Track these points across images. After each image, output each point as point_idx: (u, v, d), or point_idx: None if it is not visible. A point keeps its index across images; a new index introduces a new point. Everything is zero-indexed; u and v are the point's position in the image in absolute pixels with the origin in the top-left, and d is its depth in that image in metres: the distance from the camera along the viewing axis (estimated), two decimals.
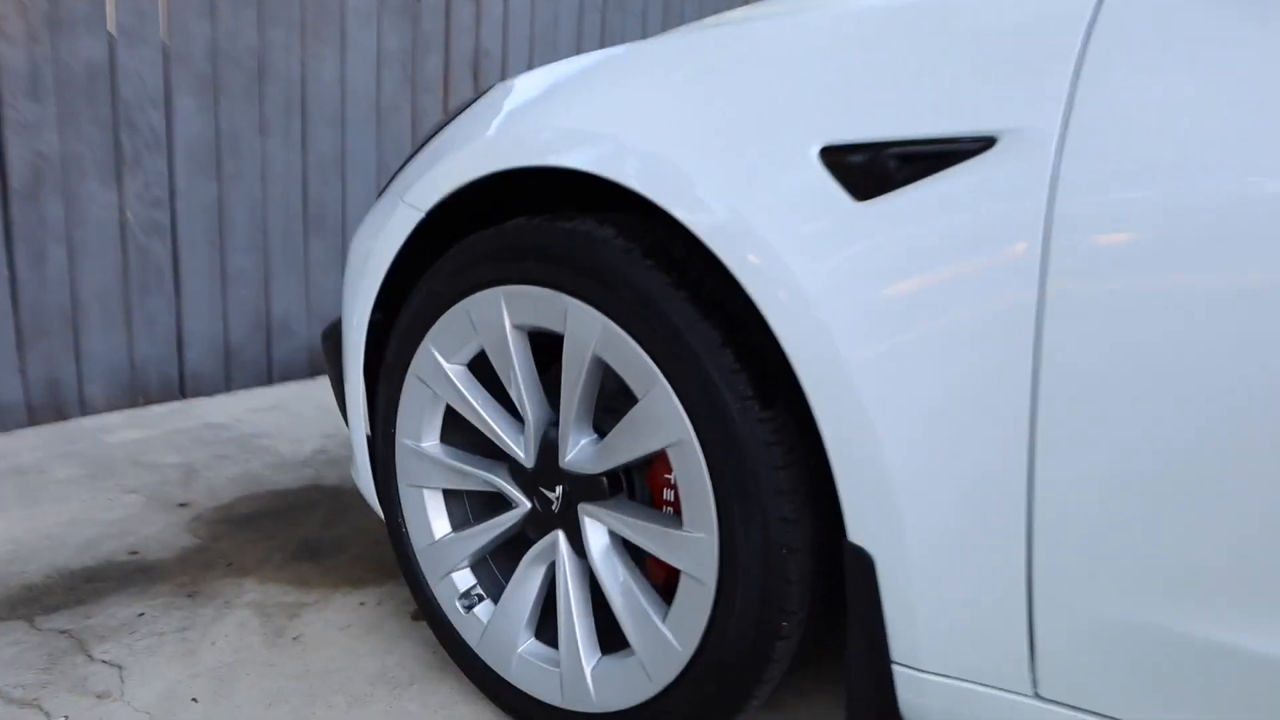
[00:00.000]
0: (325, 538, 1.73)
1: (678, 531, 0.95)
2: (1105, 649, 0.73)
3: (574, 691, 1.06)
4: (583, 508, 1.06)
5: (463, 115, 1.19)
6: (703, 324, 0.90)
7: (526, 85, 1.11)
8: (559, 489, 1.08)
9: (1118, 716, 0.74)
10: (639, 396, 0.95)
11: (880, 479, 0.80)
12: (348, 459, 2.18)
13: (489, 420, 1.12)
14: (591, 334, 0.98)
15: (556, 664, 1.09)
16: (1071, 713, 0.76)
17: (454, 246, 1.13)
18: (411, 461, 1.22)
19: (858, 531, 0.82)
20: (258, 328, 2.81)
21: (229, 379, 2.76)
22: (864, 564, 0.82)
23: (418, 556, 1.24)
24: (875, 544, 0.82)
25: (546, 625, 1.14)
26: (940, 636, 0.81)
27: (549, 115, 1.01)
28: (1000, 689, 0.80)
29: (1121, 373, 0.67)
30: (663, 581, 1.10)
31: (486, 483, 1.15)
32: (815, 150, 0.81)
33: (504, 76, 3.42)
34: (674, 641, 0.96)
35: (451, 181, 1.10)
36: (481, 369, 1.14)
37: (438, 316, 1.14)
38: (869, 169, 0.78)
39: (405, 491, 1.24)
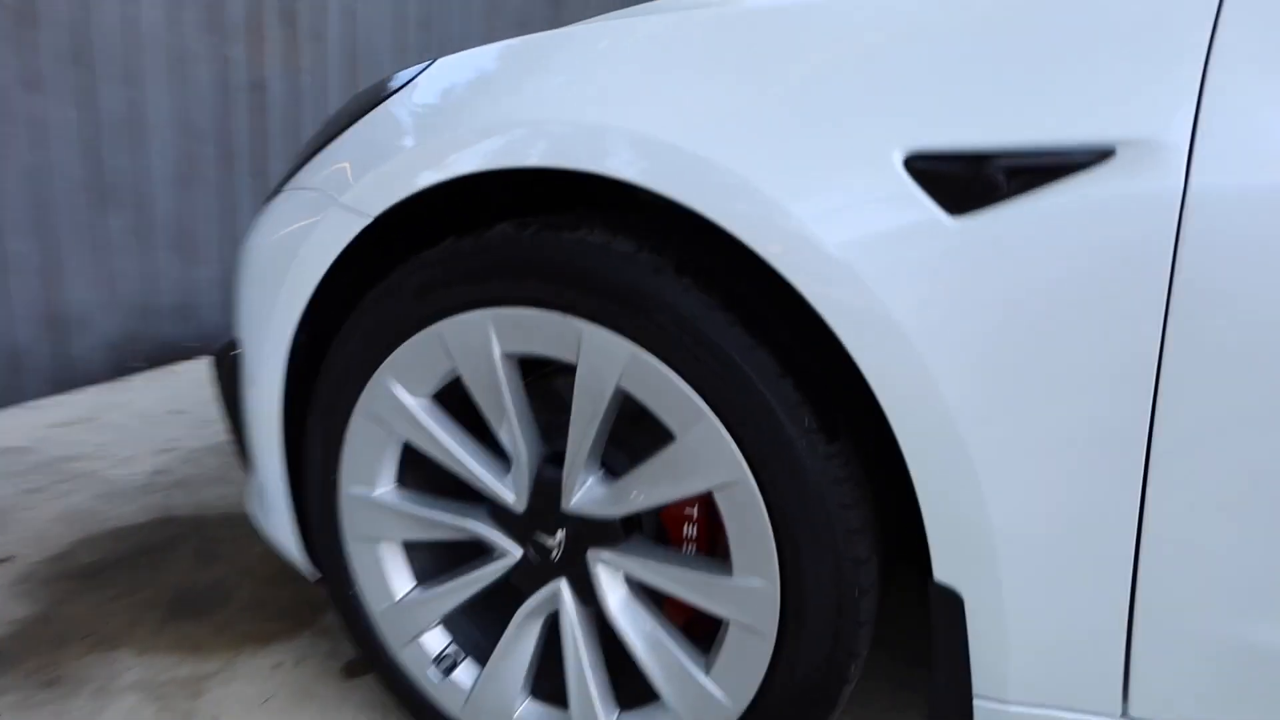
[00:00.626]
0: (202, 584, 1.48)
1: (727, 579, 0.85)
2: (1204, 665, 0.72)
3: None
4: (594, 554, 0.93)
5: (398, 99, 0.99)
6: (759, 350, 0.79)
7: (491, 66, 0.93)
8: (560, 534, 0.95)
9: None
10: (677, 433, 0.84)
11: (976, 520, 0.74)
12: (199, 478, 1.89)
13: (467, 461, 0.96)
14: (614, 364, 0.84)
15: None
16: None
17: (416, 258, 0.94)
18: (362, 512, 1.04)
19: (946, 571, 0.77)
20: (47, 324, 2.36)
21: (18, 388, 2.31)
22: (952, 603, 0.77)
23: (376, 620, 1.06)
24: (965, 583, 0.76)
25: (541, 678, 1.01)
26: (1029, 668, 0.78)
27: (562, 106, 0.85)
28: (1088, 712, 0.78)
29: (1247, 406, 0.65)
30: (682, 624, 1.00)
31: (462, 531, 1.00)
32: (899, 157, 0.72)
33: (326, 22, 3.04)
34: (721, 697, 0.88)
35: (412, 182, 0.91)
36: (445, 396, 0.98)
37: (397, 344, 0.95)
38: (965, 180, 0.70)
39: (355, 547, 1.06)
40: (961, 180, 0.70)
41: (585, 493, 0.92)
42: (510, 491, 0.96)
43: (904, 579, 1.42)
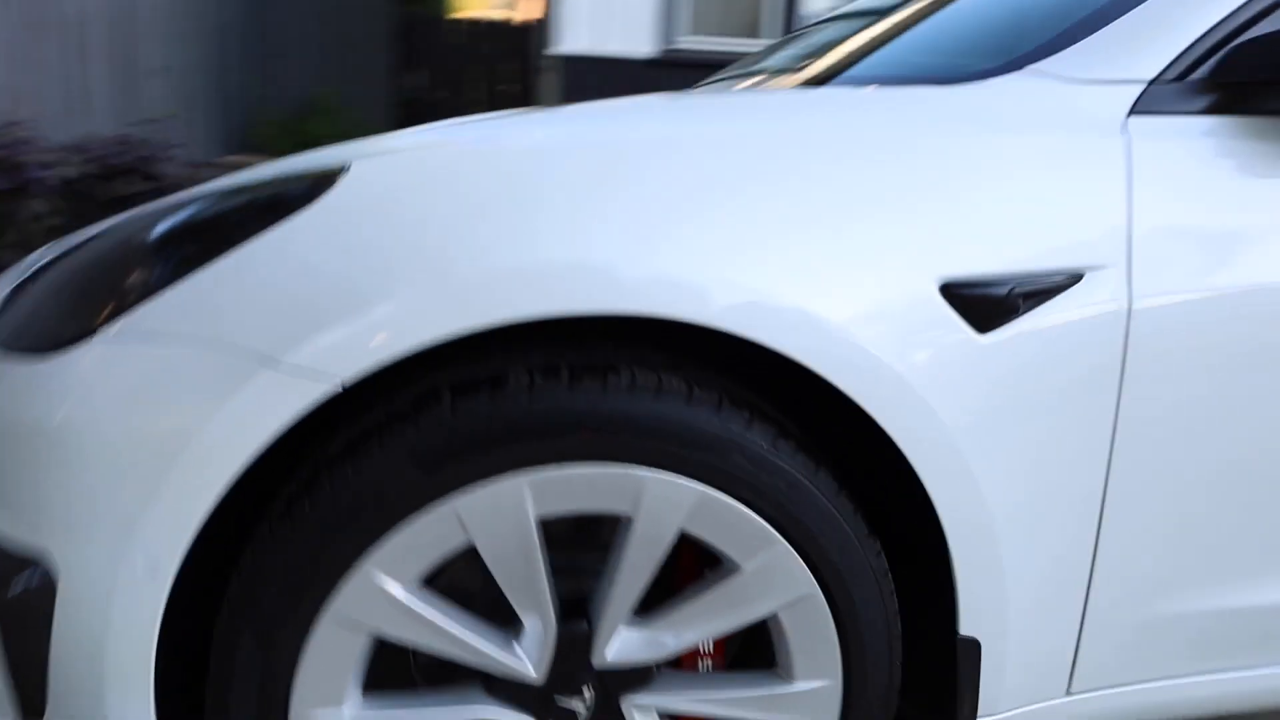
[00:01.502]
0: None
1: (788, 687, 0.88)
2: (1122, 641, 0.98)
3: None
4: (629, 702, 0.88)
5: (316, 220, 0.79)
6: (820, 470, 0.84)
7: (489, 187, 0.80)
8: (588, 693, 0.87)
9: (1122, 683, 1.01)
10: (740, 562, 0.84)
11: (996, 583, 0.89)
12: None
13: (474, 643, 0.83)
14: (680, 509, 0.81)
15: None
16: (1091, 694, 1.01)
17: (403, 424, 0.77)
18: None
19: (969, 626, 0.91)
20: None
21: None
22: (973, 650, 0.92)
23: None
24: (983, 632, 0.92)
25: None
26: (1015, 683, 0.96)
27: (624, 246, 0.76)
28: (1044, 700, 1.00)
29: (1180, 466, 0.90)
30: None
31: None
32: (936, 286, 0.83)
33: None
34: None
35: (414, 337, 0.74)
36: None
37: (391, 528, 0.77)
38: (985, 303, 0.84)
39: None
40: (981, 302, 0.83)
41: (623, 643, 0.86)
42: (527, 662, 0.85)
43: None
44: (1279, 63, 0.88)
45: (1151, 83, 0.91)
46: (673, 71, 4.50)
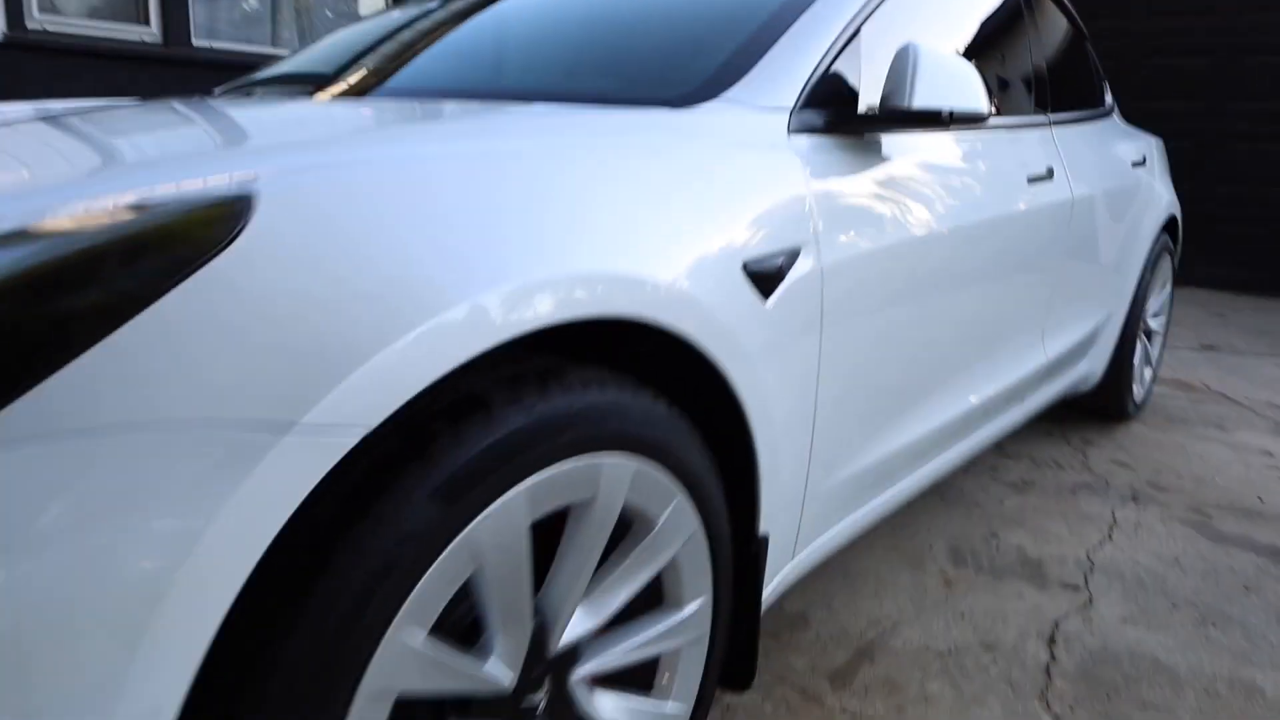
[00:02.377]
0: None
1: (679, 614, 1.05)
2: (821, 510, 1.38)
3: None
4: (573, 678, 0.96)
5: (251, 259, 0.67)
6: (695, 431, 1.02)
7: (457, 204, 0.76)
8: (546, 682, 0.93)
9: (819, 535, 1.41)
10: (655, 519, 0.98)
11: (778, 487, 1.20)
12: None
13: (474, 674, 0.82)
14: (624, 483, 0.91)
15: None
16: (804, 552, 1.39)
17: (414, 463, 0.71)
18: None
19: (765, 525, 1.20)
20: None
21: None
22: (765, 544, 1.21)
23: None
24: (772, 529, 1.21)
25: None
26: (773, 565, 1.29)
27: (566, 253, 0.80)
28: (782, 570, 1.35)
29: (854, 373, 1.30)
30: None
31: None
32: (740, 265, 1.07)
33: None
34: (681, 710, 1.08)
35: (440, 362, 0.70)
36: None
37: (418, 579, 0.72)
38: (764, 277, 1.11)
39: None
40: (763, 275, 1.11)
41: (573, 624, 0.93)
42: (507, 671, 0.86)
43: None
44: (840, 94, 1.31)
45: (792, 111, 1.27)
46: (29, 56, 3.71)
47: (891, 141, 1.43)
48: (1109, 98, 2.90)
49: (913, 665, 1.59)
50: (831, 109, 1.33)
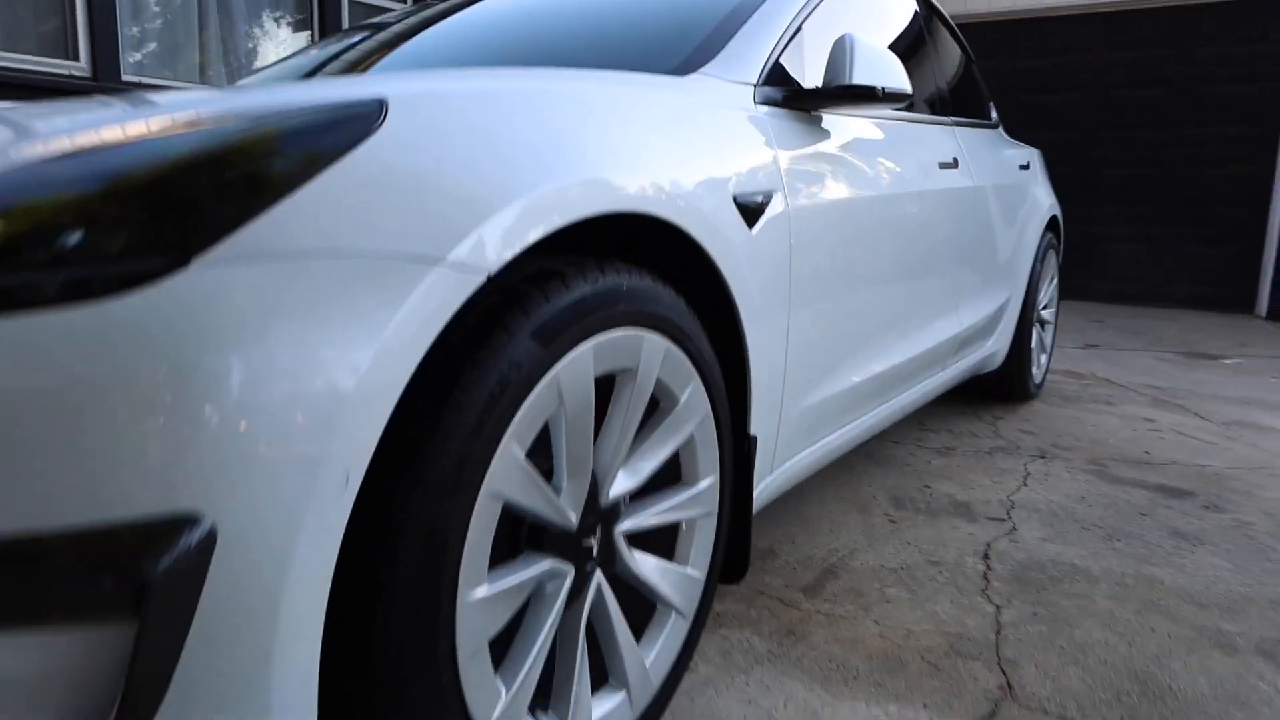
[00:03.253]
0: None
1: (693, 488, 1.24)
2: (798, 427, 1.60)
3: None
4: (616, 531, 1.13)
5: (395, 142, 0.85)
6: (696, 319, 1.23)
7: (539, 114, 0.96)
8: (598, 530, 1.10)
9: (796, 452, 1.62)
10: (678, 397, 1.17)
11: (763, 390, 1.41)
12: None
13: (550, 499, 0.99)
14: (657, 358, 1.11)
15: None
16: (782, 467, 1.60)
17: (516, 310, 0.90)
18: (479, 616, 0.87)
19: (754, 425, 1.41)
20: None
21: None
22: (755, 444, 1.41)
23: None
24: (759, 430, 1.42)
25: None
26: (759, 472, 1.49)
27: (615, 160, 1.01)
28: (763, 481, 1.55)
29: (820, 303, 1.54)
30: None
31: (535, 580, 0.99)
32: (730, 196, 1.29)
33: None
34: (698, 575, 1.27)
35: (536, 225, 0.89)
36: None
37: (521, 402, 0.89)
38: (746, 209, 1.34)
39: (470, 667, 0.87)
40: (742, 209, 1.33)
41: (618, 480, 1.11)
42: (572, 513, 1.04)
43: None
44: (791, 76, 1.57)
45: (755, 85, 1.52)
46: None
47: (833, 122, 1.69)
48: (994, 115, 3.29)
49: (871, 579, 1.80)
50: (786, 87, 1.58)
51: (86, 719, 0.70)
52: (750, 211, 1.32)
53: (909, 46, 2.43)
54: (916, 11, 2.61)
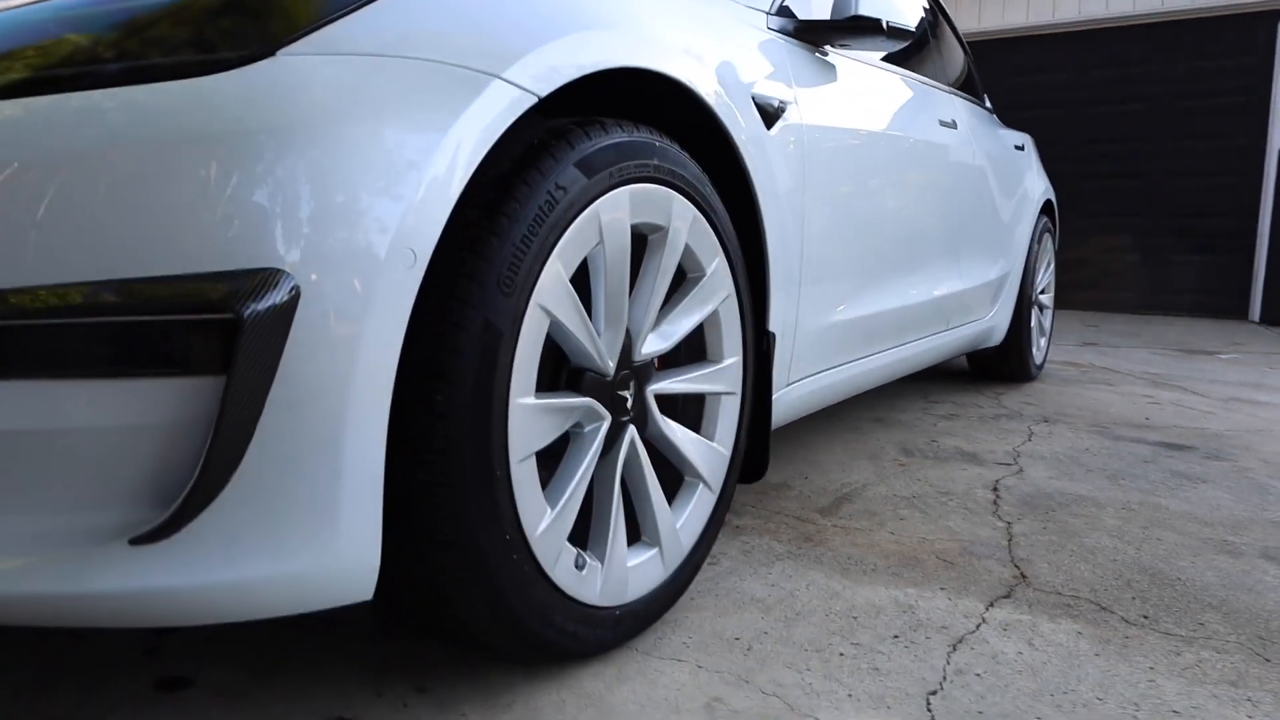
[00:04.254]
0: None
1: (719, 366, 1.30)
2: (813, 347, 1.66)
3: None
4: (647, 389, 1.19)
5: None
6: (721, 202, 1.30)
7: None
8: (631, 385, 1.16)
9: (812, 373, 1.68)
10: (705, 268, 1.24)
11: (780, 290, 1.48)
12: None
13: (591, 335, 1.05)
14: (686, 223, 1.17)
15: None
16: (798, 382, 1.66)
17: (562, 141, 0.96)
18: (529, 423, 0.93)
19: (773, 323, 1.47)
20: None
21: None
22: (774, 341, 1.48)
23: (533, 545, 0.96)
24: (777, 328, 1.49)
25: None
26: (776, 378, 1.55)
27: (659, 30, 1.09)
28: (780, 390, 1.61)
29: (831, 221, 1.61)
30: None
31: (576, 413, 1.05)
32: (749, 94, 1.37)
33: None
34: (724, 450, 1.32)
35: (580, 64, 0.96)
36: None
37: (566, 227, 0.96)
38: (765, 110, 1.42)
39: (519, 470, 0.92)
40: (764, 111, 1.41)
41: (649, 340, 1.17)
42: (608, 360, 1.09)
43: None
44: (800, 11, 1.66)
45: (768, 12, 1.61)
46: None
47: (840, 62, 1.78)
48: (989, 104, 3.41)
49: (884, 504, 1.85)
50: (796, 18, 1.67)
51: (172, 471, 0.75)
52: (768, 115, 1.40)
53: (919, 30, 2.53)
54: (925, 6, 2.75)
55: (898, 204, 1.94)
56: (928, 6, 2.80)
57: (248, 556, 0.76)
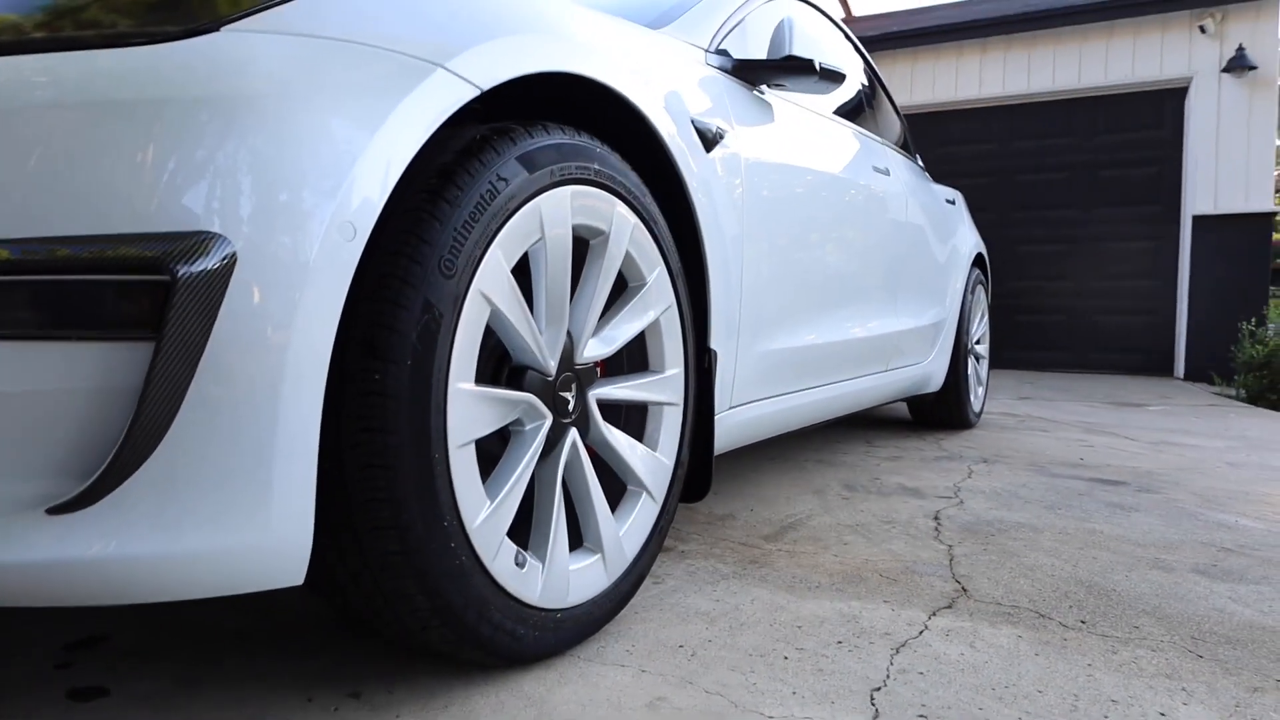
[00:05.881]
0: None
1: (660, 376, 1.31)
2: (752, 373, 1.69)
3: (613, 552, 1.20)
4: (590, 394, 1.19)
5: None
6: (661, 214, 1.33)
7: None
8: (573, 387, 1.16)
9: (753, 398, 1.70)
10: (646, 277, 1.26)
11: (719, 308, 1.51)
12: None
13: (533, 330, 1.05)
14: (626, 231, 1.20)
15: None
16: (738, 408, 1.68)
17: (504, 138, 0.99)
18: (467, 409, 0.93)
19: (714, 340, 1.49)
20: None
21: None
22: (715, 358, 1.50)
23: (471, 535, 0.94)
24: (718, 346, 1.51)
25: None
26: (727, 393, 1.57)
27: (604, 46, 1.13)
28: (720, 412, 1.62)
29: (765, 247, 1.66)
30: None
31: (517, 408, 1.05)
32: (689, 119, 1.42)
33: None
34: (667, 461, 1.32)
35: (524, 64, 0.99)
36: None
37: (509, 218, 0.97)
38: (702, 135, 1.47)
39: (457, 456, 0.91)
40: (703, 136, 1.46)
41: (590, 344, 1.18)
42: (550, 359, 1.10)
43: None
44: (736, 53, 1.74)
45: (707, 50, 1.68)
46: None
47: (776, 102, 1.86)
48: (920, 162, 3.56)
49: (829, 531, 1.86)
50: (732, 58, 1.74)
51: (97, 440, 0.73)
52: (706, 139, 1.45)
53: (855, 91, 2.65)
54: (865, 68, 2.90)
55: (833, 237, 2.01)
56: (865, 69, 2.94)
57: (172, 530, 0.74)
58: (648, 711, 0.99)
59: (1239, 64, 6.28)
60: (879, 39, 7.34)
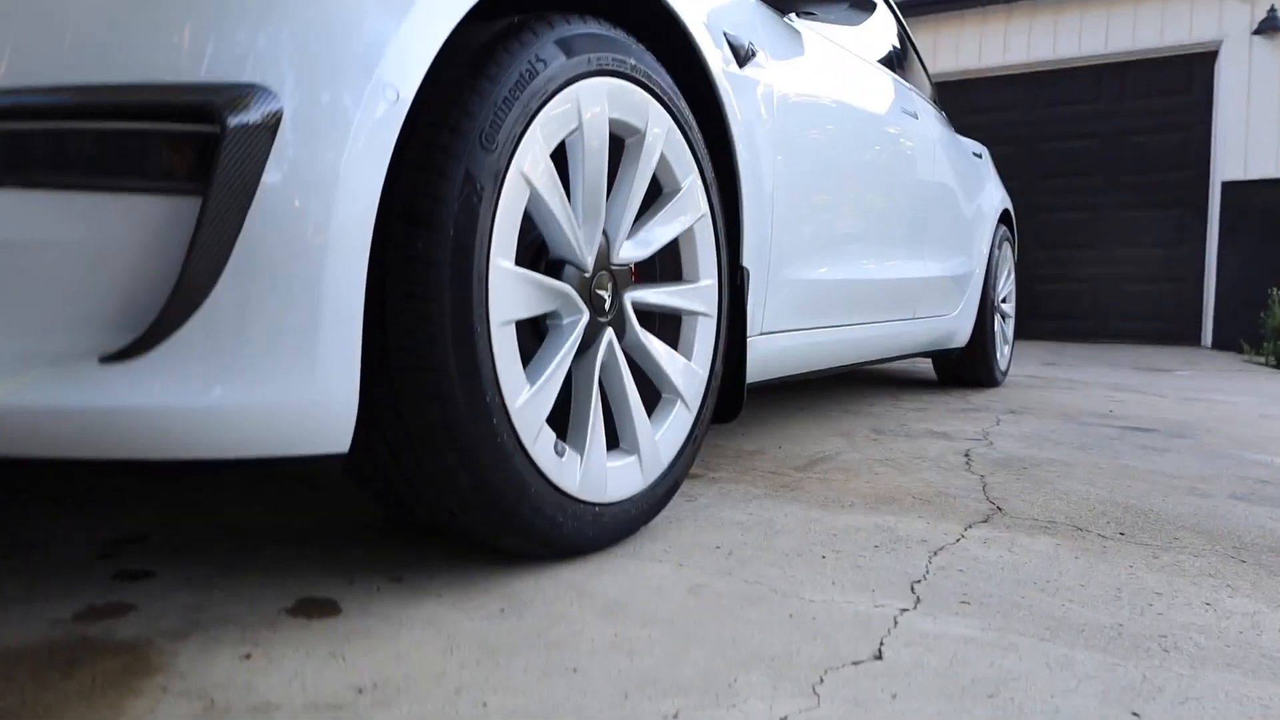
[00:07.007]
0: None
1: (694, 285, 1.31)
2: (785, 295, 1.67)
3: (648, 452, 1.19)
4: (625, 295, 1.19)
5: None
6: (700, 132, 1.32)
7: None
8: (609, 287, 1.15)
9: (782, 328, 1.69)
10: (680, 183, 1.25)
11: (760, 224, 1.49)
12: None
13: (571, 222, 1.05)
14: (662, 130, 1.19)
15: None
16: (768, 334, 1.67)
17: (549, 19, 0.98)
18: (508, 288, 0.92)
19: (746, 259, 1.48)
20: None
21: None
22: (747, 275, 1.49)
23: (513, 416, 0.94)
24: (750, 265, 1.50)
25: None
26: (771, 311, 1.56)
27: None
28: (762, 331, 1.61)
29: (793, 179, 1.64)
30: None
31: (556, 298, 1.04)
32: (722, 30, 1.41)
33: None
34: (701, 371, 1.32)
35: None
36: None
37: (548, 99, 0.97)
38: (734, 49, 1.45)
39: (499, 334, 0.91)
40: (736, 51, 1.44)
41: (626, 245, 1.18)
42: (587, 255, 1.09)
43: None
44: None
45: None
46: None
47: (806, 33, 1.83)
48: (947, 118, 3.52)
49: (859, 464, 1.85)
50: None
51: (148, 292, 0.74)
52: (739, 54, 1.44)
53: (884, 38, 2.62)
54: (898, 30, 2.86)
55: (862, 171, 1.99)
56: (894, 19, 2.90)
57: (221, 382, 0.74)
58: (689, 595, 0.99)
59: (1270, 26, 6.16)
60: (902, 6, 7.25)
